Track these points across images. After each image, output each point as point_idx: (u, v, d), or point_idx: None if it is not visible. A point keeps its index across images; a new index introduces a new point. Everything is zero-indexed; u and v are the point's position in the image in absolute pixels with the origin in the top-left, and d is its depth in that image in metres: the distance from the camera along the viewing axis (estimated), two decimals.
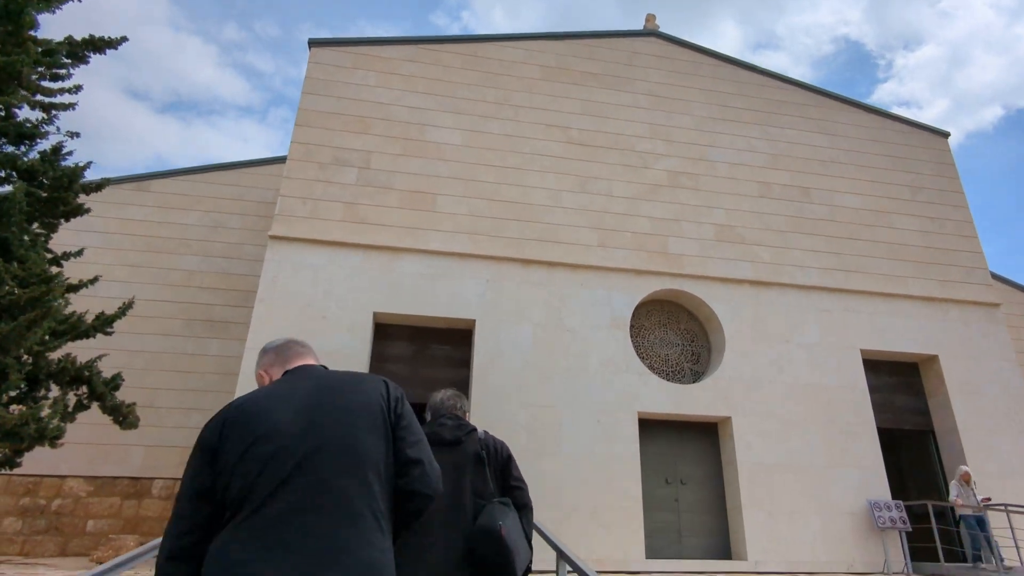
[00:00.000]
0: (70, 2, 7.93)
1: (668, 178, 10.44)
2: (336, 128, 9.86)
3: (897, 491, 9.38)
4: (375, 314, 8.80)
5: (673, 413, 8.83)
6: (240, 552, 1.39)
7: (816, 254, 10.23)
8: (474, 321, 8.94)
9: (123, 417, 7.41)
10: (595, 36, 11.44)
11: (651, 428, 8.97)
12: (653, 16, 11.86)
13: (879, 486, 8.74)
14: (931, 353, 9.80)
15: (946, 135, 11.64)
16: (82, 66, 7.99)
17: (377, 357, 8.95)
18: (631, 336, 9.40)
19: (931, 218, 10.91)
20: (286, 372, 1.77)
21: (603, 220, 9.91)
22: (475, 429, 2.76)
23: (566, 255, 9.53)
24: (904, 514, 8.31)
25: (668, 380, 9.31)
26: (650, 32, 11.68)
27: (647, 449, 8.79)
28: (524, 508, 2.64)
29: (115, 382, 7.54)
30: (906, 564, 8.15)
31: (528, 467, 8.26)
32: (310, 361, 1.85)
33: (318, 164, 9.56)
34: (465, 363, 9.10)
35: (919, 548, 8.69)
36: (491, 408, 8.39)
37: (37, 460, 10.64)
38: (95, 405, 7.44)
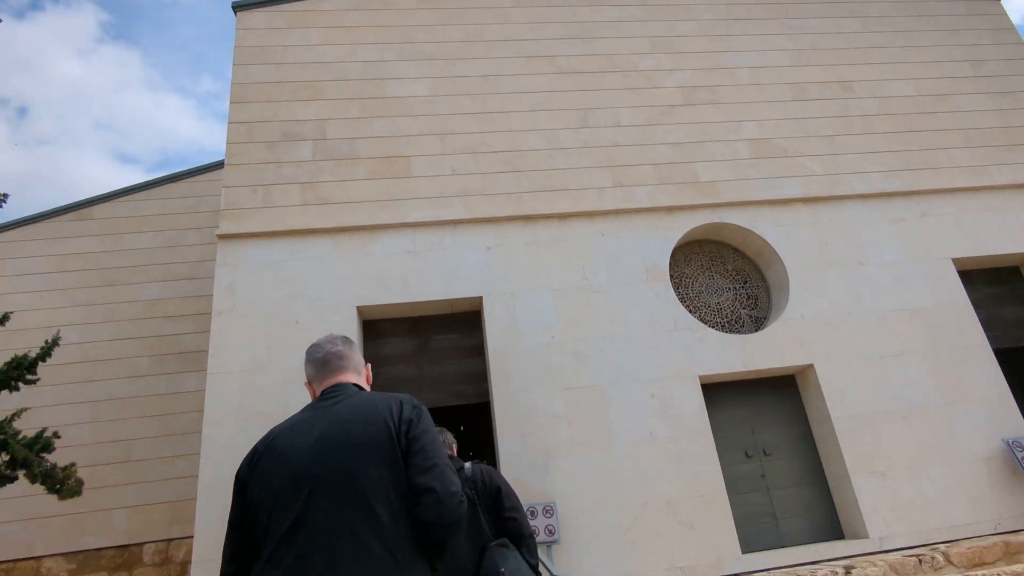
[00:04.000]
0: None
1: (683, 95, 8.70)
2: (280, 99, 8.18)
3: None
4: (359, 309, 7.15)
5: (742, 371, 7.13)
6: None
7: (875, 156, 8.48)
8: (480, 299, 7.27)
9: (59, 484, 5.82)
10: None
11: (717, 393, 7.28)
12: None
13: (1012, 420, 7.02)
14: None
15: None
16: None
17: (371, 361, 7.30)
18: (673, 288, 7.71)
19: (1002, 92, 9.12)
20: (322, 391, 1.80)
21: (615, 156, 8.19)
22: (462, 467, 2.61)
23: (577, 203, 7.83)
24: None
25: (727, 332, 7.61)
26: None
27: (716, 420, 7.11)
28: (523, 539, 2.50)
29: (43, 442, 5.94)
30: None
31: (577, 465, 6.59)
32: (346, 378, 1.85)
33: (264, 144, 7.89)
34: (478, 351, 7.45)
35: None
36: (518, 401, 6.73)
37: (7, 543, 9.15)
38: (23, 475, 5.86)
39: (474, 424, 11.11)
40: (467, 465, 2.63)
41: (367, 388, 1.94)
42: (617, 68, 8.79)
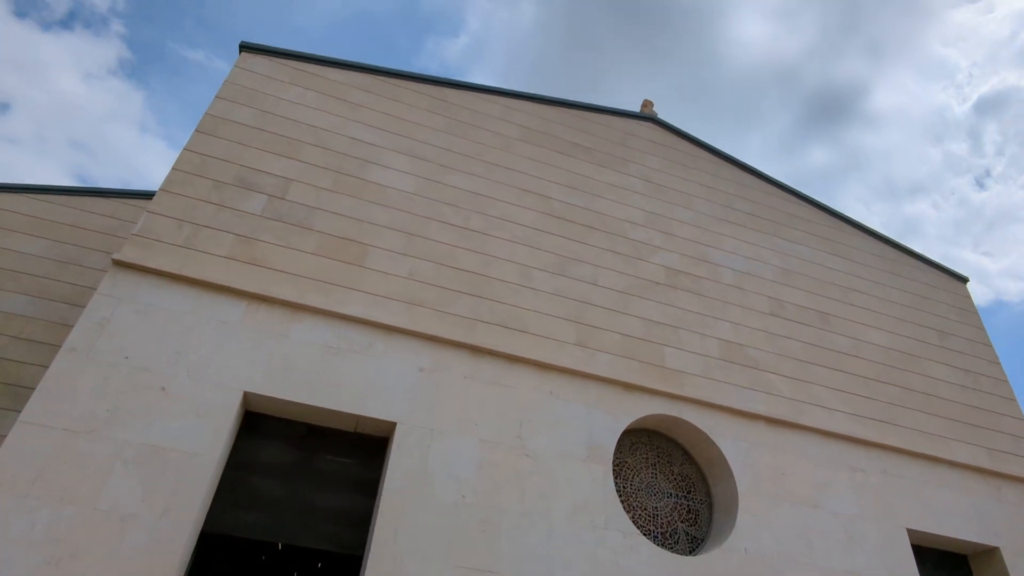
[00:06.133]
0: None
1: (666, 275, 8.32)
2: (250, 144, 7.37)
3: None
4: (246, 396, 5.80)
5: None
6: None
7: (843, 395, 8.07)
8: (394, 425, 6.05)
9: None
10: (585, 108, 9.78)
11: None
12: (651, 103, 10.43)
13: None
14: (990, 544, 7.46)
15: (964, 280, 10.26)
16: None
17: (236, 464, 5.81)
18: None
19: (964, 370, 9.11)
20: None
21: (584, 313, 7.52)
22: None
23: (533, 349, 6.97)
24: None
25: (660, 546, 6.50)
26: (647, 117, 10.16)
27: None
28: None
29: None
30: None
31: None
32: None
33: (213, 181, 6.92)
34: (371, 488, 6.06)
35: None
36: (399, 567, 5.29)
37: None
38: None
39: None
40: None
41: None
42: (608, 229, 8.44)
